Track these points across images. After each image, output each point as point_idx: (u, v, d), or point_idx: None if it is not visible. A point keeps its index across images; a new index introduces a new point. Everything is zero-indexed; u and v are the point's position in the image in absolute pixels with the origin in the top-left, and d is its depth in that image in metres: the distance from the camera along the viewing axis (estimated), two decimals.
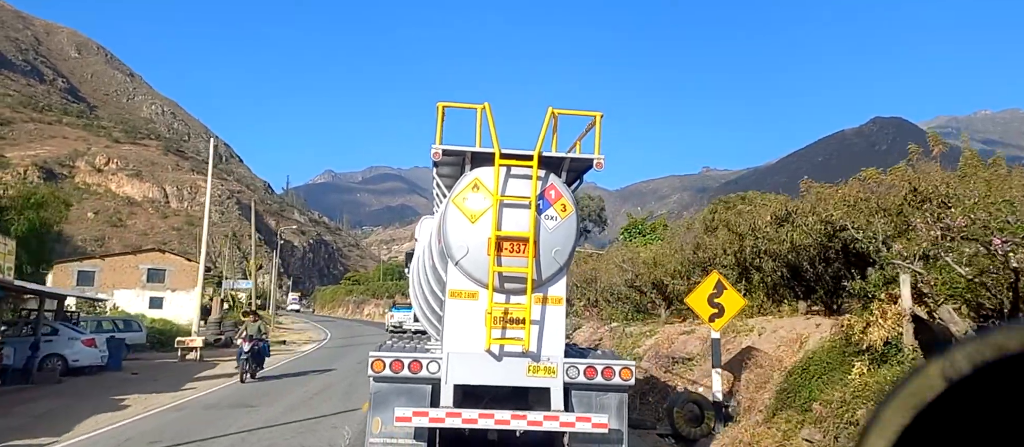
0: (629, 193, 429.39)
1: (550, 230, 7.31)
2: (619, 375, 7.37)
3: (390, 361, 7.22)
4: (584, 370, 7.34)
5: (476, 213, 7.26)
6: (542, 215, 7.29)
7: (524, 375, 7.30)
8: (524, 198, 7.23)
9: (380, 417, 7.20)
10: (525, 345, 7.24)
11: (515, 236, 7.22)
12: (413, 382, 7.27)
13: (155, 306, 45.79)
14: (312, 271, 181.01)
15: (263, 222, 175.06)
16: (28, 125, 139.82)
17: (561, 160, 7.59)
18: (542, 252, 7.26)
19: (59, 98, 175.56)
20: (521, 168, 7.30)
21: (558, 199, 7.37)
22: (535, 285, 7.26)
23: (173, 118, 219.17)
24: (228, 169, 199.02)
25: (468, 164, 7.46)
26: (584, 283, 22.81)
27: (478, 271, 7.27)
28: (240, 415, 13.26)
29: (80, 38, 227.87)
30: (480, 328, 7.24)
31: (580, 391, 7.38)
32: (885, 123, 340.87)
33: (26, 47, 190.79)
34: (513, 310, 7.28)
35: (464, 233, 7.25)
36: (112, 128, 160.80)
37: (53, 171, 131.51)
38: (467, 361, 7.26)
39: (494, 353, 7.27)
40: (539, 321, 7.35)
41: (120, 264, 48.99)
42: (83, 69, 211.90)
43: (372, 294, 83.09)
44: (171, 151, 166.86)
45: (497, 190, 7.19)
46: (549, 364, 7.30)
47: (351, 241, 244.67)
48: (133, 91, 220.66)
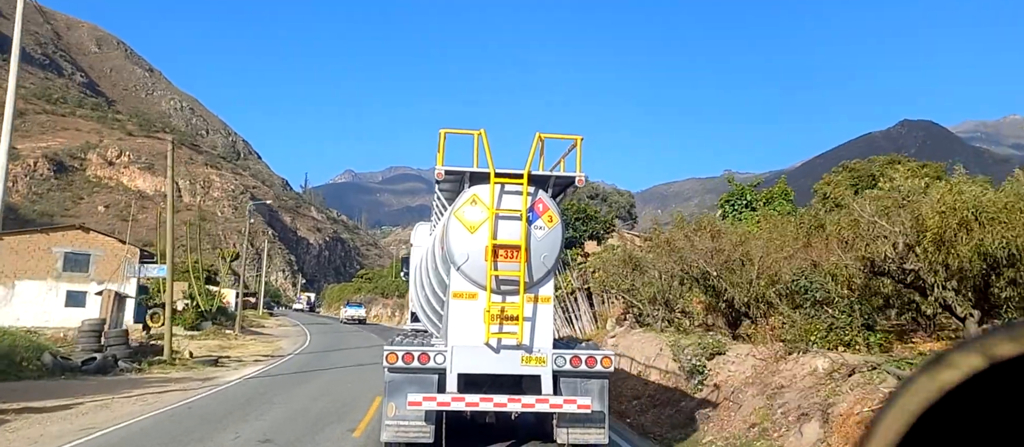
0: (650, 195, 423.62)
1: (539, 238, 8.41)
2: (600, 363, 8.50)
3: (402, 354, 8.33)
4: (570, 359, 8.45)
5: (475, 224, 8.35)
6: (532, 226, 8.38)
7: (518, 365, 8.40)
8: (516, 211, 8.34)
9: (394, 402, 8.27)
10: (519, 339, 8.32)
11: (509, 244, 8.30)
12: (422, 372, 8.35)
13: (74, 304, 33.79)
14: (327, 269, 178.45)
15: (278, 218, 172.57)
16: (41, 117, 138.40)
17: (547, 178, 8.74)
18: (532, 258, 8.36)
19: (77, 92, 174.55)
20: (513, 185, 8.40)
21: (545, 211, 8.49)
22: (527, 286, 8.36)
23: (191, 113, 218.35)
24: (244, 165, 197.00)
25: (467, 182, 8.57)
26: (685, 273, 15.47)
27: (477, 275, 8.36)
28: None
29: (101, 33, 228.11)
30: (480, 324, 8.34)
31: (567, 378, 8.49)
32: (913, 126, 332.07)
33: (46, 41, 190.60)
34: (508, 308, 8.37)
35: (465, 242, 8.33)
36: (126, 121, 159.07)
37: (63, 163, 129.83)
38: (469, 353, 8.35)
39: (492, 346, 8.36)
40: (531, 318, 8.47)
41: (25, 246, 34.78)
42: (103, 64, 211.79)
43: (381, 292, 77.07)
44: (185, 145, 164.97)
45: (493, 204, 8.30)
46: (540, 355, 8.42)
47: (370, 240, 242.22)
48: (152, 86, 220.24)
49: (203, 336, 33.38)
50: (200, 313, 38.19)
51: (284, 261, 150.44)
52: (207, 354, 24.71)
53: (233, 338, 34.35)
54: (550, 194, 8.71)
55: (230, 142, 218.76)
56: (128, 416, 12.25)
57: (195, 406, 13.64)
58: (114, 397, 14.60)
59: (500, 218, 8.28)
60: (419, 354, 8.29)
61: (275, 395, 15.21)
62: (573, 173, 8.80)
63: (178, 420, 11.99)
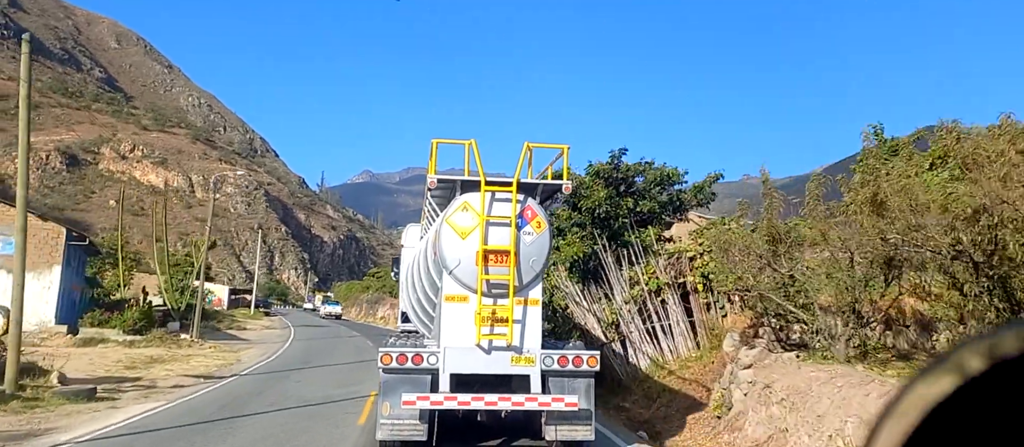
0: None
1: (528, 244, 8.71)
2: (586, 363, 8.76)
3: (396, 355, 8.62)
4: (557, 359, 8.74)
5: (466, 230, 8.66)
6: (521, 231, 8.69)
7: (508, 365, 8.71)
8: (506, 218, 8.66)
9: (389, 402, 8.55)
10: (509, 340, 8.65)
11: (499, 249, 8.62)
12: (416, 373, 8.63)
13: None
14: (342, 268, 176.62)
15: (293, 215, 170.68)
16: (55, 110, 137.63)
17: (536, 186, 9.09)
18: (522, 262, 8.66)
19: (95, 87, 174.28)
20: (503, 193, 8.74)
21: (533, 218, 8.78)
22: (516, 290, 8.68)
23: (209, 110, 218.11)
24: (261, 162, 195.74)
25: (458, 190, 8.89)
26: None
27: (469, 279, 8.66)
28: None
29: (120, 29, 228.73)
30: (471, 326, 8.64)
31: (554, 377, 8.78)
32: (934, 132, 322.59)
33: (65, 36, 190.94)
34: (498, 311, 8.67)
35: (456, 247, 8.65)
36: (141, 116, 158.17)
37: (76, 157, 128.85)
38: (461, 354, 8.66)
39: (483, 347, 8.68)
40: (520, 320, 8.75)
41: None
42: (122, 59, 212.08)
43: (389, 292, 73.52)
44: (200, 139, 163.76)
45: (483, 211, 8.63)
46: (529, 355, 8.74)
47: (385, 240, 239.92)
48: (171, 82, 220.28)
49: (144, 343, 26.18)
50: (165, 313, 32.57)
51: (297, 259, 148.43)
52: (105, 374, 17.88)
53: (185, 345, 27.04)
54: (538, 201, 9.10)
55: (247, 139, 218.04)
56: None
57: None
58: None
59: (490, 224, 8.65)
60: (413, 355, 8.63)
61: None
62: (560, 181, 9.23)
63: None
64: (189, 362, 22.08)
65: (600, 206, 17.54)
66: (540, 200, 9.17)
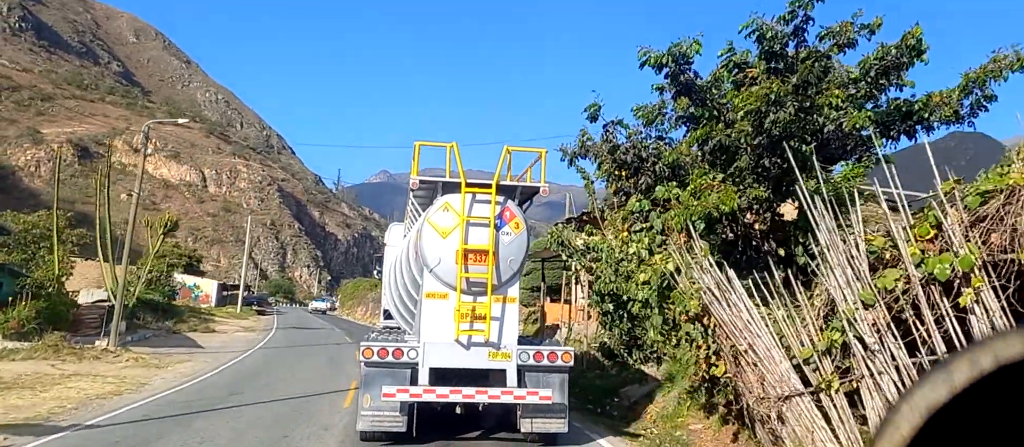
0: None
1: (506, 244, 9.08)
2: (561, 358, 9.22)
3: (377, 349, 9.00)
4: (533, 355, 9.18)
5: (447, 230, 8.99)
6: (500, 232, 9.05)
7: (486, 359, 9.11)
8: (485, 218, 9.02)
9: (370, 394, 8.88)
10: (487, 336, 9.04)
11: (478, 249, 8.98)
12: (396, 366, 9.02)
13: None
14: (355, 266, 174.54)
15: (307, 212, 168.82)
16: (69, 102, 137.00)
17: (514, 188, 9.48)
18: (500, 261, 9.02)
19: (111, 81, 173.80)
20: (483, 194, 9.08)
21: (512, 219, 9.17)
22: (494, 288, 9.04)
23: (226, 106, 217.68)
24: (276, 158, 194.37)
25: (440, 191, 9.26)
26: None
27: (448, 277, 9.01)
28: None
29: (139, 24, 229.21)
30: (450, 322, 9.02)
31: (530, 372, 9.20)
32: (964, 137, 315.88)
33: (83, 29, 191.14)
34: (478, 308, 9.02)
35: (437, 246, 8.99)
36: (155, 109, 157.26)
37: (88, 149, 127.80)
38: (440, 349, 9.04)
39: (462, 342, 9.05)
40: (498, 317, 9.14)
41: None
42: (140, 54, 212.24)
43: None
44: (214, 134, 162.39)
45: (463, 211, 8.98)
46: (506, 350, 9.13)
47: None
48: (189, 78, 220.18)
49: (23, 354, 18.49)
50: (108, 310, 24.30)
51: (309, 256, 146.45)
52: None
53: (89, 357, 19.22)
54: (517, 203, 9.44)
55: (263, 136, 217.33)
56: None
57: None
58: None
59: (470, 224, 9.00)
60: (393, 349, 9.01)
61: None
62: (537, 183, 9.53)
63: None
64: (48, 391, 13.36)
65: (768, 112, 9.24)
66: (519, 202, 9.52)
